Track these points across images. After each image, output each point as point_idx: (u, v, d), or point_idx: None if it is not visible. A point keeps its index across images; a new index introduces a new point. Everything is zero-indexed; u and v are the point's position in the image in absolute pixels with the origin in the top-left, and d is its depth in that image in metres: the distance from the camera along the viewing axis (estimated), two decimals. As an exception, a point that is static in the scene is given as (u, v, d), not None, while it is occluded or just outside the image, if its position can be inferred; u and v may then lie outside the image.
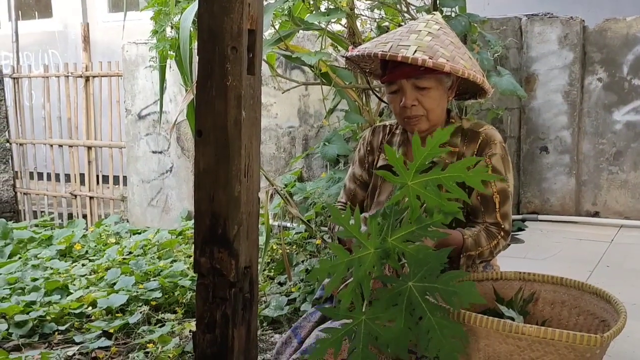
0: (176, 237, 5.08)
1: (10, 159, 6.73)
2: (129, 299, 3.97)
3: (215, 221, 1.56)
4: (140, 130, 5.67)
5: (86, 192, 6.33)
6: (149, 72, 5.53)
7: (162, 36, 3.87)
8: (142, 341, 3.55)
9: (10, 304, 3.94)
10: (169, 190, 5.58)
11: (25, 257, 5.08)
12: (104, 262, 4.75)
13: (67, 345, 3.67)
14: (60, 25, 8.88)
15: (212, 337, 1.59)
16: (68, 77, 6.33)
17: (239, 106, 1.53)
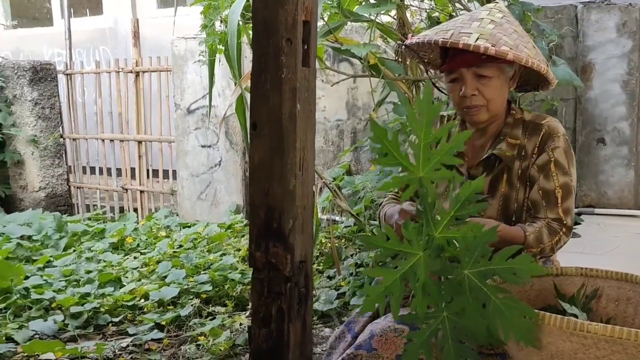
0: (225, 230, 5.12)
1: (64, 153, 6.88)
2: (180, 291, 4.01)
3: (271, 215, 1.55)
4: (189, 124, 5.72)
5: (137, 185, 6.42)
6: (197, 66, 5.57)
7: (211, 30, 3.87)
8: (193, 334, 3.58)
9: (66, 296, 4.03)
10: (218, 184, 5.62)
11: (79, 250, 5.18)
12: (155, 255, 4.82)
13: (120, 336, 3.73)
14: (110, 22, 9.03)
15: (267, 331, 1.58)
16: (119, 72, 6.42)
17: (294, 99, 1.51)
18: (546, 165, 1.85)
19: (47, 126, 6.72)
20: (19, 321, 3.84)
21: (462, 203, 1.57)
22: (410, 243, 1.55)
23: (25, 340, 3.61)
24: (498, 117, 1.91)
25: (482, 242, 1.52)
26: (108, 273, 4.44)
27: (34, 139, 6.61)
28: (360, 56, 3.06)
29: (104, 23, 9.08)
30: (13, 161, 6.67)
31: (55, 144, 6.77)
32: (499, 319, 1.49)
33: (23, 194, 6.73)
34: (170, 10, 8.19)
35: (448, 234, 1.56)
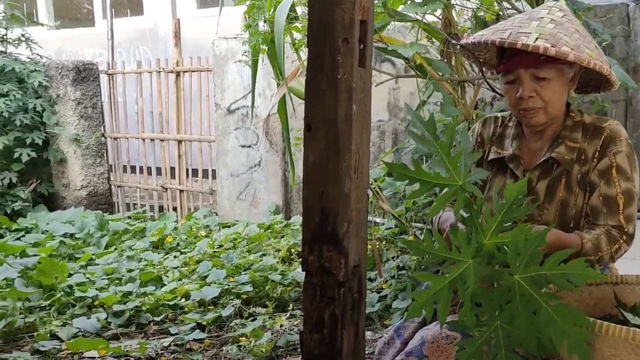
0: (264, 231, 5.11)
1: (105, 152, 6.96)
2: (220, 292, 4.01)
3: (325, 218, 1.52)
4: (229, 124, 5.73)
5: (176, 185, 6.46)
6: (238, 66, 5.58)
7: (255, 30, 3.86)
8: (234, 334, 3.57)
9: (109, 294, 4.06)
10: (257, 184, 5.61)
11: (120, 249, 5.23)
12: (195, 254, 4.83)
13: (162, 335, 3.74)
14: (150, 22, 9.11)
15: (319, 337, 1.55)
16: (160, 72, 6.47)
17: (350, 100, 1.48)
18: (607, 170, 1.79)
19: (89, 125, 6.80)
20: (62, 318, 3.88)
21: (509, 206, 1.53)
22: (460, 250, 1.53)
23: (69, 337, 3.64)
24: (556, 119, 1.85)
25: (532, 246, 1.48)
26: (149, 272, 4.46)
27: (76, 137, 6.70)
28: (406, 56, 3.01)
29: (145, 23, 9.17)
30: (56, 160, 6.77)
31: (97, 143, 6.85)
32: (551, 327, 1.44)
33: (65, 192, 6.82)
34: (210, 10, 8.24)
35: (497, 240, 1.53)
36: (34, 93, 6.67)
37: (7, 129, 6.44)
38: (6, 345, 3.59)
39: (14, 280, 4.20)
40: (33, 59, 6.90)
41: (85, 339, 3.52)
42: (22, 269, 4.42)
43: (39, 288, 4.13)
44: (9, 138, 6.35)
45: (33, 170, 6.64)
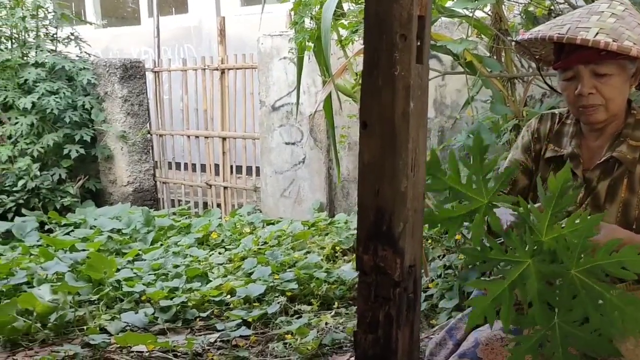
0: (309, 228, 5.11)
1: (151, 149, 7.04)
2: (266, 289, 4.02)
3: (380, 217, 1.49)
4: (273, 121, 5.74)
5: (220, 182, 6.50)
6: (283, 64, 5.59)
7: (301, 27, 3.86)
8: (280, 332, 3.58)
9: (156, 289, 4.11)
10: (302, 182, 5.62)
11: (166, 244, 5.29)
12: (240, 251, 4.86)
13: (208, 331, 3.77)
14: (195, 20, 9.20)
15: (374, 337, 1.52)
16: (205, 70, 6.52)
17: (407, 97, 1.45)
18: None
19: (135, 122, 6.90)
20: (111, 313, 3.94)
21: (556, 199, 1.50)
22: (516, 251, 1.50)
23: (118, 331, 3.70)
24: (617, 117, 1.79)
25: (582, 237, 1.46)
26: (195, 268, 4.50)
27: (123, 134, 6.80)
28: (456, 53, 2.96)
29: (189, 21, 9.26)
30: (103, 156, 6.88)
31: (143, 139, 6.94)
32: (618, 314, 1.42)
33: (112, 188, 6.93)
34: (253, 8, 8.28)
35: (555, 234, 1.51)
36: (82, 91, 6.79)
37: (57, 125, 6.57)
38: (57, 338, 3.66)
39: (64, 275, 4.28)
40: (82, 57, 7.03)
41: (134, 334, 3.57)
42: (72, 263, 4.51)
43: (88, 282, 4.21)
44: (59, 135, 6.48)
45: (81, 166, 6.76)
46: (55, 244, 5.04)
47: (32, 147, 6.32)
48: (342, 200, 5.48)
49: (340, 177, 4.24)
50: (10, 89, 6.46)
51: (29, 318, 3.69)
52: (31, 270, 4.37)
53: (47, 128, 6.51)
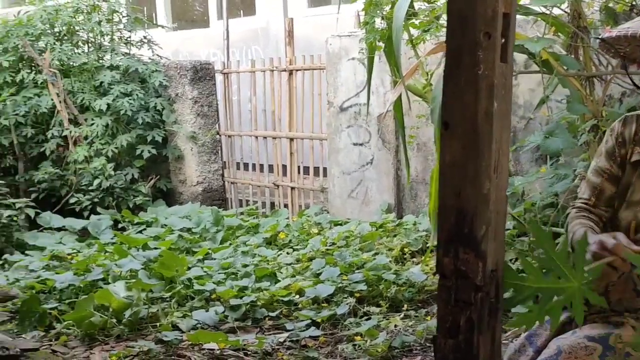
0: (377, 229, 5.08)
1: (219, 150, 7.15)
2: (334, 290, 4.01)
3: (462, 219, 1.46)
4: (341, 122, 5.74)
5: (288, 182, 6.54)
6: (351, 64, 5.58)
7: (371, 27, 3.84)
8: (349, 333, 3.57)
9: (226, 288, 4.16)
10: (369, 183, 5.59)
11: (235, 244, 5.35)
12: (307, 251, 4.87)
13: (277, 331, 3.79)
14: (263, 22, 9.29)
15: (454, 342, 1.49)
16: (273, 71, 6.58)
17: (491, 97, 1.41)
18: None
19: (205, 123, 7.02)
20: (182, 310, 4.02)
21: None
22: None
23: (189, 328, 3.76)
24: None
25: None
26: (264, 268, 4.54)
27: (193, 135, 6.93)
28: (533, 51, 2.89)
29: (257, 23, 9.35)
30: (174, 156, 7.03)
31: (212, 140, 7.05)
32: None
33: (182, 188, 7.07)
34: (320, 9, 8.30)
35: None
36: (154, 92, 6.96)
37: (130, 126, 6.75)
38: (132, 333, 3.75)
39: (137, 272, 4.39)
40: (154, 60, 7.20)
41: (205, 332, 3.62)
42: (145, 261, 4.62)
43: (160, 280, 4.30)
44: (132, 135, 6.65)
45: (153, 166, 6.93)
46: (128, 242, 5.17)
47: (107, 148, 6.51)
48: (410, 201, 5.42)
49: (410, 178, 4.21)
50: (86, 91, 6.67)
51: (105, 313, 3.79)
52: (106, 267, 4.49)
53: (121, 129, 6.70)
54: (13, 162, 6.69)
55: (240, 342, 3.47)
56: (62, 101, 6.51)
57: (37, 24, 6.79)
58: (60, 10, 6.79)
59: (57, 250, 5.27)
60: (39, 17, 6.81)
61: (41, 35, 6.79)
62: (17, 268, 4.88)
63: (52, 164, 6.58)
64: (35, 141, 6.68)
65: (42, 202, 6.37)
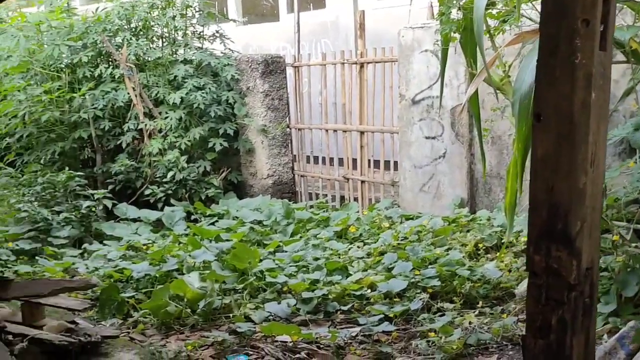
0: (449, 224, 4.99)
1: (289, 143, 7.18)
2: (407, 284, 3.97)
3: (554, 215, 1.40)
4: (413, 115, 5.66)
5: (358, 176, 6.51)
6: (424, 56, 5.50)
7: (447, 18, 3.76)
8: (422, 329, 3.52)
9: (297, 281, 4.17)
10: (442, 177, 5.50)
11: (305, 237, 5.36)
12: (379, 245, 4.83)
13: (349, 325, 3.77)
14: (332, 15, 9.27)
15: (545, 343, 1.44)
16: (344, 64, 6.55)
17: (589, 87, 1.35)
18: None
19: (275, 116, 7.06)
20: (255, 302, 4.05)
21: None
22: None
23: (261, 320, 3.79)
24: None
25: None
26: (335, 261, 4.53)
27: (264, 128, 6.98)
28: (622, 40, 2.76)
29: (327, 16, 9.34)
30: (245, 149, 7.10)
31: (283, 133, 7.09)
32: None
33: (253, 181, 7.14)
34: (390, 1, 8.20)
35: None
36: (226, 86, 7.04)
37: (202, 120, 6.85)
38: (205, 323, 3.80)
39: (211, 263, 4.45)
40: (226, 54, 7.28)
41: (278, 324, 3.64)
42: (218, 252, 4.68)
43: (233, 272, 4.34)
44: (204, 129, 6.75)
45: (224, 159, 7.01)
46: (202, 234, 5.25)
47: (180, 141, 6.62)
48: (483, 196, 5.31)
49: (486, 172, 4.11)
50: (161, 85, 6.81)
51: (180, 303, 3.86)
52: (181, 258, 4.57)
53: (194, 122, 6.81)
54: (91, 154, 6.89)
55: (313, 335, 3.47)
56: (137, 95, 6.67)
57: (115, 20, 6.97)
58: (136, 6, 6.95)
59: (133, 240, 5.41)
60: (116, 13, 6.99)
61: (118, 31, 6.96)
62: (96, 257, 5.03)
63: (128, 157, 6.74)
64: (112, 134, 6.86)
65: (118, 193, 6.55)
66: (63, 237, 5.52)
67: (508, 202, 3.67)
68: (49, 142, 6.78)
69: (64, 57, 6.75)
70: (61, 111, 6.75)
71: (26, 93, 6.75)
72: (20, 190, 6.02)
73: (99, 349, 2.94)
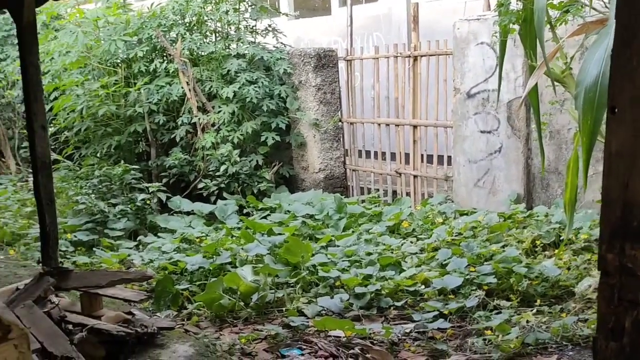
0: (505, 220, 4.89)
1: (341, 137, 7.15)
2: (462, 281, 3.90)
3: (629, 212, 1.34)
4: (468, 109, 5.56)
5: (410, 170, 6.44)
6: (480, 49, 5.40)
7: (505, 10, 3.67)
8: (478, 327, 3.46)
9: (350, 276, 4.14)
10: (497, 172, 5.39)
11: (357, 231, 5.33)
12: (432, 241, 4.77)
13: (402, 321, 3.73)
14: (384, 8, 9.20)
15: (617, 346, 1.37)
16: (397, 57, 6.48)
17: (669, 77, 1.28)
18: None
19: (327, 110, 7.04)
20: (307, 296, 4.04)
21: None
22: None
23: (314, 314, 3.78)
24: None
25: None
26: (388, 256, 4.49)
27: (315, 122, 6.97)
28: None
29: (379, 10, 9.28)
30: (297, 143, 7.10)
31: (335, 127, 7.07)
32: None
33: (304, 175, 7.14)
34: (445, -6, 8.09)
35: None
36: (279, 80, 7.06)
37: (255, 114, 6.88)
38: (258, 317, 3.82)
39: (263, 257, 4.47)
40: (278, 48, 7.30)
41: (332, 319, 3.63)
42: (270, 246, 4.69)
43: (285, 266, 4.35)
44: (257, 123, 6.78)
45: (276, 153, 7.03)
46: (254, 227, 5.28)
47: (233, 134, 6.66)
48: (540, 192, 5.18)
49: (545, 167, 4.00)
50: (214, 79, 6.86)
51: (233, 296, 3.88)
52: (234, 251, 4.60)
53: (247, 116, 6.84)
54: (146, 148, 7.00)
55: (367, 330, 3.44)
56: (191, 89, 6.73)
57: (169, 15, 7.05)
58: (190, 1, 7.01)
59: (187, 233, 5.47)
60: (170, 8, 7.07)
61: (173, 26, 7.04)
62: (150, 249, 5.11)
63: (182, 150, 6.83)
64: (166, 128, 6.95)
65: (172, 186, 6.64)
66: (119, 229, 5.62)
67: (568, 198, 3.57)
68: (105, 135, 6.91)
69: (120, 52, 6.87)
70: (117, 105, 6.87)
71: (84, 88, 6.90)
72: (78, 182, 6.17)
73: (154, 340, 2.97)
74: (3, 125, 8.87)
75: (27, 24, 3.25)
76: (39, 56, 3.34)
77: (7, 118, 8.86)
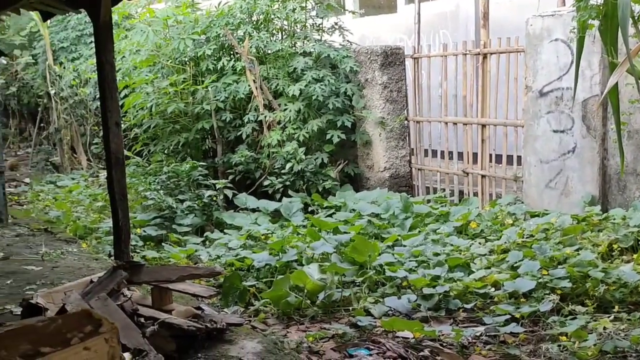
0: (579, 223, 4.73)
1: (407, 136, 7.07)
2: (535, 285, 3.78)
3: None
4: (541, 108, 5.40)
5: (478, 170, 6.31)
6: (553, 46, 5.24)
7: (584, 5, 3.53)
8: (552, 332, 3.34)
9: (417, 277, 4.08)
10: (570, 172, 5.22)
11: (424, 231, 5.24)
12: (502, 243, 4.66)
13: (472, 324, 3.65)
14: (452, 5, 9.04)
15: None
16: (465, 55, 6.35)
17: None
18: None
19: (393, 109, 6.97)
20: (374, 296, 4.00)
21: None
22: None
23: (381, 314, 3.73)
24: None
25: None
26: (456, 257, 4.40)
27: (381, 121, 6.91)
28: None
29: (446, 7, 9.12)
30: (362, 142, 7.06)
31: (400, 126, 6.99)
32: None
33: (369, 173, 7.09)
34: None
35: None
36: (345, 78, 7.03)
37: (321, 112, 6.87)
38: (325, 315, 3.80)
39: (330, 255, 4.44)
40: (344, 46, 7.27)
41: (400, 319, 3.58)
42: (337, 244, 4.66)
43: (352, 264, 4.31)
44: (322, 121, 6.77)
45: (341, 151, 7.00)
46: (320, 225, 5.26)
47: (299, 132, 6.67)
48: (617, 194, 4.99)
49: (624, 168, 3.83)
50: (280, 77, 6.89)
51: (299, 294, 3.87)
52: (300, 249, 4.60)
53: (312, 114, 6.83)
54: (212, 145, 7.08)
55: (436, 332, 3.37)
56: (258, 87, 6.77)
57: (237, 13, 7.11)
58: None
59: (253, 230, 5.50)
60: (238, 7, 7.13)
61: (240, 25, 7.10)
62: (217, 245, 5.15)
63: (248, 148, 6.87)
64: (232, 125, 7.01)
65: (238, 183, 6.69)
66: (186, 225, 5.70)
67: (649, 200, 3.42)
68: (173, 132, 7.03)
69: (188, 50, 6.97)
70: (185, 103, 6.98)
71: (153, 86, 7.03)
72: (147, 178, 6.29)
73: (223, 336, 2.98)
74: (75, 122, 9.14)
75: (103, 22, 3.31)
76: (114, 54, 3.41)
77: (79, 115, 9.13)
